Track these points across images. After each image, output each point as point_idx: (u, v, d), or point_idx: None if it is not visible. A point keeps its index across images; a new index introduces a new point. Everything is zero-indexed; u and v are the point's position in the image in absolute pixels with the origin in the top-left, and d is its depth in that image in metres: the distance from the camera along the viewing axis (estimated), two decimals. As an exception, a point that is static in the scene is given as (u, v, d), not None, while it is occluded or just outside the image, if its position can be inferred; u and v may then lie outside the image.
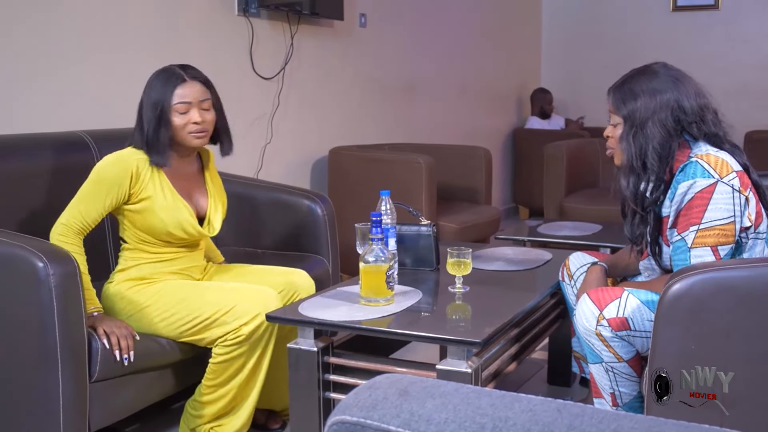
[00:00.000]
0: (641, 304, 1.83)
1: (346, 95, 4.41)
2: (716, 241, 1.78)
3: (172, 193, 2.14)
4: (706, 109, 1.90)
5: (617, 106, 1.93)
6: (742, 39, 6.21)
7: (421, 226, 2.38)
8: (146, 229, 2.14)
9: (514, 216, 6.35)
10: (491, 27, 6.04)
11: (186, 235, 2.17)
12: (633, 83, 1.91)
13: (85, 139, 2.52)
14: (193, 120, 2.13)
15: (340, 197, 3.76)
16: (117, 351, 1.95)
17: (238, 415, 2.15)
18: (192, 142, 2.16)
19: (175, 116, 2.12)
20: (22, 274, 1.83)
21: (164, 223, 2.12)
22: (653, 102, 1.87)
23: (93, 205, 2.07)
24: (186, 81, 2.13)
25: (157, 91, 2.12)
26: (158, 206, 2.11)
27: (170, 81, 2.12)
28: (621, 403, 1.92)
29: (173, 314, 2.08)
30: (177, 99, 2.11)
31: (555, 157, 4.66)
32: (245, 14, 3.58)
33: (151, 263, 2.17)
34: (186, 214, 2.15)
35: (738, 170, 1.81)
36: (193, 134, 2.14)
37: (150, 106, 2.11)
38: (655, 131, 1.86)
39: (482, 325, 1.87)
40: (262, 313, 2.03)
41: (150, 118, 2.11)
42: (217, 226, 2.26)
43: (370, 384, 0.73)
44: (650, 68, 1.94)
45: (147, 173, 2.11)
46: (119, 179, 2.07)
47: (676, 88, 1.88)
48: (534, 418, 0.64)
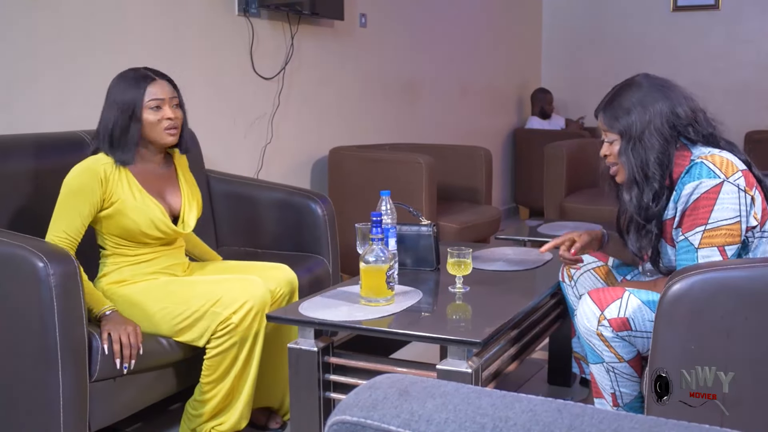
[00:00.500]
0: (642, 305, 1.83)
1: (347, 95, 4.41)
2: (723, 241, 1.78)
3: (141, 193, 2.15)
4: (698, 111, 1.91)
5: (610, 124, 1.94)
6: (743, 39, 6.21)
7: (421, 226, 2.38)
8: (120, 233, 2.15)
9: (515, 216, 6.35)
10: (492, 27, 6.04)
11: (160, 233, 2.18)
12: (622, 99, 1.92)
13: (85, 139, 2.52)
14: (167, 116, 2.17)
15: (341, 197, 3.76)
16: (118, 359, 1.96)
17: (234, 408, 2.16)
18: (166, 138, 2.19)
19: (147, 113, 2.15)
20: (22, 273, 1.83)
21: (136, 223, 2.13)
22: (647, 113, 1.87)
23: (72, 219, 2.07)
24: (156, 80, 2.17)
25: (126, 91, 2.14)
26: (128, 207, 2.12)
27: (140, 80, 2.16)
28: (621, 404, 1.92)
29: (164, 308, 2.09)
30: (150, 96, 2.15)
31: (555, 157, 4.66)
32: (245, 14, 3.58)
33: (131, 265, 2.18)
34: (157, 212, 2.16)
35: (743, 169, 1.82)
36: (167, 131, 2.18)
37: (116, 106, 2.13)
38: (653, 140, 1.86)
39: (482, 325, 1.86)
40: (250, 301, 2.07)
41: (117, 118, 2.13)
42: (191, 223, 2.28)
43: (371, 384, 0.73)
44: (634, 81, 1.94)
45: (114, 176, 2.12)
46: (91, 186, 2.09)
47: (665, 95, 1.89)
48: (534, 418, 0.64)
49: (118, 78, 2.19)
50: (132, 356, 1.97)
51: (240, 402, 2.16)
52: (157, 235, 2.18)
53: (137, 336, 2.00)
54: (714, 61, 6.13)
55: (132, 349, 1.97)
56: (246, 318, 2.07)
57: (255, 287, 2.12)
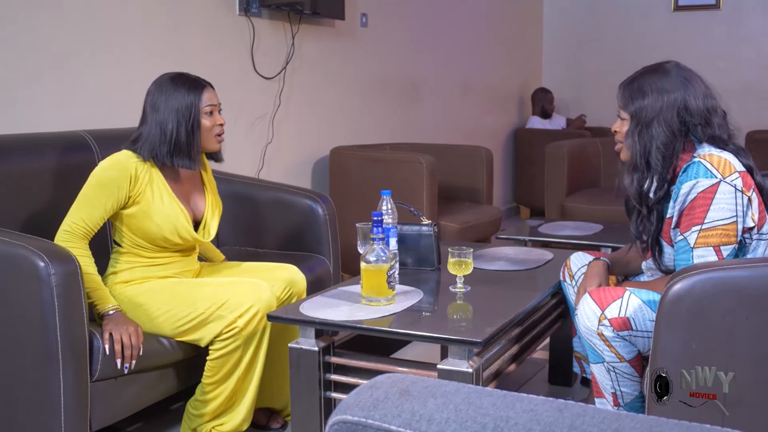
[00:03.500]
0: (643, 304, 1.83)
1: (348, 95, 4.41)
2: (719, 241, 1.78)
3: (170, 197, 2.15)
4: (713, 111, 1.89)
5: (625, 103, 1.94)
6: (744, 39, 6.20)
7: (422, 226, 2.38)
8: (142, 234, 2.14)
9: (515, 216, 6.34)
10: (492, 26, 6.04)
11: (181, 240, 2.18)
12: (643, 80, 1.92)
13: (86, 138, 2.52)
14: (219, 122, 2.21)
15: (342, 197, 3.76)
16: (119, 360, 1.96)
17: (237, 411, 2.16)
18: (215, 145, 2.23)
19: (204, 119, 2.17)
20: (23, 273, 1.83)
21: (160, 228, 2.13)
22: (660, 101, 1.87)
23: (94, 210, 2.07)
24: (207, 86, 2.20)
25: (182, 96, 2.14)
26: (155, 210, 2.12)
27: (194, 85, 2.16)
28: (622, 403, 1.92)
29: (168, 310, 2.09)
30: (206, 102, 2.17)
31: (556, 156, 4.65)
32: (246, 14, 3.58)
33: (144, 267, 2.18)
34: (182, 219, 2.16)
35: (741, 170, 1.81)
36: (217, 137, 2.22)
37: (175, 111, 2.13)
38: (659, 131, 1.86)
39: (483, 324, 1.87)
40: (256, 305, 2.06)
41: (179, 123, 2.13)
42: (212, 232, 2.28)
43: (371, 384, 0.73)
44: (662, 67, 1.94)
45: (145, 177, 2.12)
46: (119, 182, 2.08)
47: (685, 88, 1.88)
48: (535, 418, 0.64)
49: (168, 81, 2.16)
50: (133, 356, 1.98)
51: (243, 404, 2.16)
52: (177, 242, 2.18)
53: (138, 336, 2.00)
54: (715, 61, 6.12)
55: (133, 349, 1.98)
56: (251, 321, 2.07)
57: (261, 291, 2.11)
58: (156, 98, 2.15)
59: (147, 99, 2.18)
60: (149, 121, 2.15)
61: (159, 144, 2.13)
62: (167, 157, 2.13)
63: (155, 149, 2.13)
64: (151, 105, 2.15)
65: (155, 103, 2.15)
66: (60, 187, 2.34)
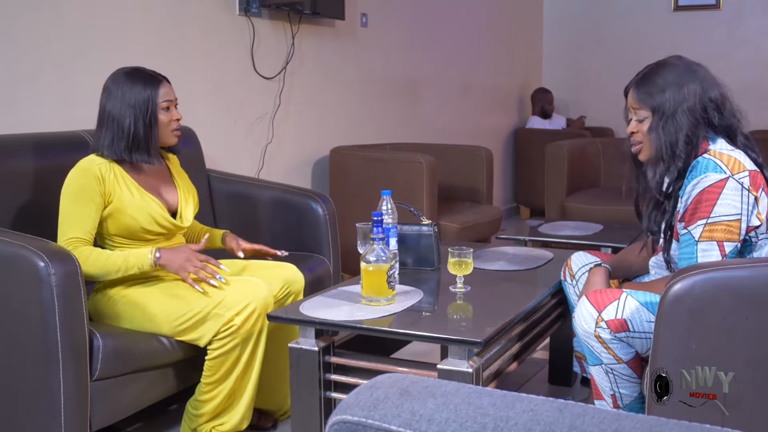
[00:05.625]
0: (640, 306, 1.83)
1: (348, 95, 4.41)
2: (723, 237, 1.79)
3: (138, 191, 2.16)
4: (726, 98, 1.93)
5: (643, 100, 1.93)
6: (744, 39, 6.20)
7: (422, 226, 2.38)
8: (121, 231, 2.15)
9: (515, 216, 6.35)
10: (492, 27, 6.04)
11: (160, 228, 2.19)
12: (656, 77, 1.93)
13: (86, 138, 2.52)
14: (176, 117, 2.23)
15: (342, 197, 3.76)
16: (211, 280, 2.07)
17: (236, 410, 2.17)
18: (172, 139, 2.25)
19: (161, 114, 2.19)
20: (23, 273, 1.83)
21: (136, 219, 2.14)
22: (680, 92, 1.88)
23: (82, 220, 2.08)
24: (163, 81, 2.21)
25: (139, 91, 2.14)
26: (126, 205, 2.13)
27: (151, 81, 2.17)
28: (622, 405, 1.92)
29: (165, 309, 2.09)
30: (163, 97, 2.18)
31: (556, 156, 4.65)
32: (246, 14, 3.58)
33: None
34: (156, 207, 2.17)
35: (751, 170, 1.82)
36: (174, 132, 2.24)
37: (132, 106, 2.13)
38: (684, 119, 1.87)
39: (483, 324, 1.87)
40: (252, 303, 2.07)
41: (136, 118, 2.14)
42: (189, 217, 2.31)
43: (371, 384, 0.73)
44: (667, 62, 1.96)
45: (110, 176, 2.13)
46: (90, 187, 2.09)
47: (698, 77, 1.90)
48: (535, 418, 0.64)
49: (124, 77, 2.16)
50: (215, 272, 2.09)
51: (242, 403, 2.16)
52: (157, 230, 2.19)
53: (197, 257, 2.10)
54: (715, 61, 6.05)
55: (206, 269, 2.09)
56: (248, 320, 2.07)
57: (258, 289, 2.12)
58: (110, 92, 2.16)
59: (103, 95, 2.18)
60: (106, 117, 2.15)
61: (117, 139, 2.14)
62: (126, 152, 2.14)
63: (113, 145, 2.14)
64: (108, 100, 2.16)
65: (109, 97, 2.15)
66: (60, 188, 2.33)
